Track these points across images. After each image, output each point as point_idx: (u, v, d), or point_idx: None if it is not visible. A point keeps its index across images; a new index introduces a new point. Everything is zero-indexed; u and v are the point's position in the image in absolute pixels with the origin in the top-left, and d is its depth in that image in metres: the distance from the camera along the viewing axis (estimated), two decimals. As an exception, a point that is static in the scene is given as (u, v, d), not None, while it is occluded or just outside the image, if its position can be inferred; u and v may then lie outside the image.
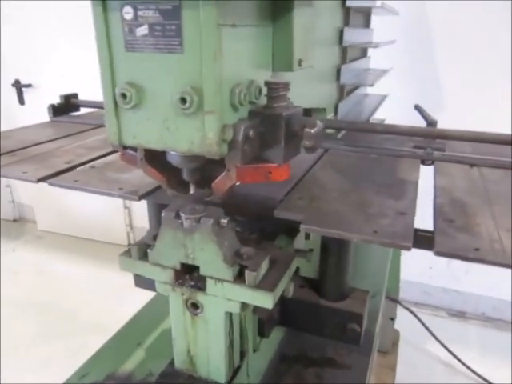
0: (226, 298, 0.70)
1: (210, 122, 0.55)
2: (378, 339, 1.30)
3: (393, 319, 2.10)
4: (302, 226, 0.66)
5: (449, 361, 2.16)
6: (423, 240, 0.66)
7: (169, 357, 0.85)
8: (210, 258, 0.69)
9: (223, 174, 0.63)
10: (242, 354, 0.85)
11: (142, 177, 0.87)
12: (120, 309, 1.73)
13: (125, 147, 0.64)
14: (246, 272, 0.67)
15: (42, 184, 0.86)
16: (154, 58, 0.55)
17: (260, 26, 0.63)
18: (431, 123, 1.11)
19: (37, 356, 2.20)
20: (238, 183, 0.66)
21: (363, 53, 1.74)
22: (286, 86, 0.61)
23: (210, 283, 0.70)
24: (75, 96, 1.48)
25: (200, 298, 0.73)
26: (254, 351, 0.89)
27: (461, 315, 2.55)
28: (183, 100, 0.54)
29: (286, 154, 0.63)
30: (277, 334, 0.97)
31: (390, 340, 2.08)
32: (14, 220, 3.65)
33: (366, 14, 1.70)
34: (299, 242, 0.95)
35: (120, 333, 1.14)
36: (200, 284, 0.73)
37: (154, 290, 0.99)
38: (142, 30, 0.54)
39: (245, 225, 0.90)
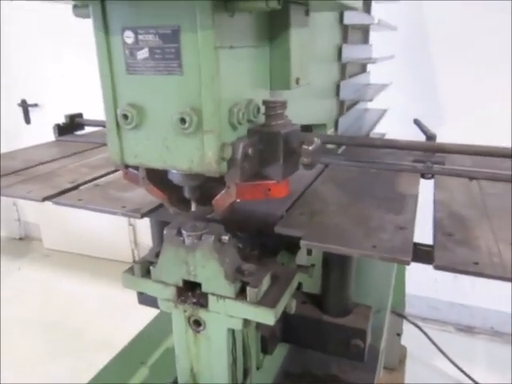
0: (228, 314, 0.71)
1: (209, 141, 0.56)
2: (383, 355, 1.29)
3: (399, 335, 2.07)
4: (302, 242, 0.67)
5: (457, 376, 2.12)
6: (423, 254, 0.66)
7: (172, 375, 0.84)
8: (211, 274, 0.69)
9: (223, 191, 0.64)
10: (246, 372, 0.84)
11: (144, 195, 0.88)
12: (126, 326, 1.72)
13: (127, 166, 0.66)
14: (248, 288, 0.68)
15: (47, 202, 0.87)
16: (155, 80, 0.56)
17: (258, 46, 0.65)
18: (430, 137, 1.12)
19: (43, 374, 2.18)
20: (238, 200, 0.67)
21: (363, 68, 1.77)
22: (284, 104, 0.63)
23: (212, 300, 0.71)
24: (80, 115, 1.51)
25: (202, 314, 0.73)
26: (258, 368, 0.89)
27: (468, 330, 2.51)
28: (183, 120, 0.55)
29: (285, 171, 0.64)
30: (280, 351, 0.97)
31: (397, 356, 2.05)
32: (20, 238, 3.67)
33: (364, 31, 1.73)
34: (301, 258, 0.96)
35: (123, 351, 1.14)
36: (202, 301, 0.73)
37: (158, 307, 0.99)
38: (143, 54, 0.56)
39: (246, 241, 0.91)
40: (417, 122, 1.19)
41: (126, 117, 0.59)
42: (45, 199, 0.86)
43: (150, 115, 0.59)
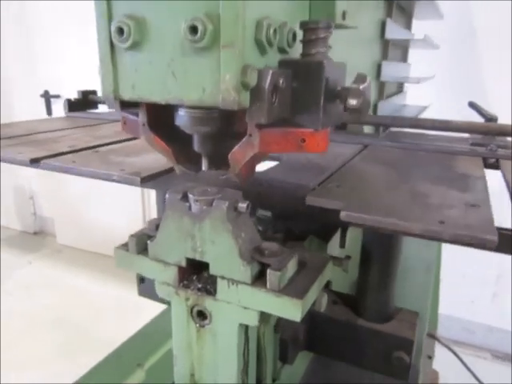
0: (242, 305, 0.55)
1: (228, 59, 0.41)
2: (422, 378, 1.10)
3: (430, 357, 1.86)
4: (342, 214, 0.51)
5: (495, 410, 1.88)
6: (506, 241, 0.50)
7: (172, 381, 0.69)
8: (222, 252, 0.54)
9: (243, 140, 0.49)
10: (259, 382, 0.68)
11: (150, 161, 0.75)
12: (134, 327, 1.58)
13: (123, 104, 0.52)
14: (269, 271, 0.52)
15: (63, 196, 0.75)
16: (160, -20, 0.43)
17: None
18: (491, 120, 0.95)
19: (47, 373, 2.05)
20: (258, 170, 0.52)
21: (403, 56, 1.62)
22: (328, 27, 0.48)
23: (221, 285, 0.56)
24: (94, 93, 1.40)
25: (208, 304, 0.58)
26: (274, 381, 0.73)
27: (507, 357, 2.26)
28: (193, 29, 0.41)
29: (326, 118, 0.48)
30: (302, 362, 0.80)
31: (429, 381, 1.83)
32: (35, 233, 3.60)
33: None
34: (332, 251, 0.80)
35: (118, 350, 0.99)
36: (209, 287, 0.58)
37: (159, 300, 0.84)
38: None
39: (268, 224, 0.75)
40: (473, 105, 1.02)
41: (121, 31, 0.45)
42: (33, 161, 0.73)
43: (152, 29, 0.45)
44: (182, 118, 0.51)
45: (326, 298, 0.62)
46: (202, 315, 0.60)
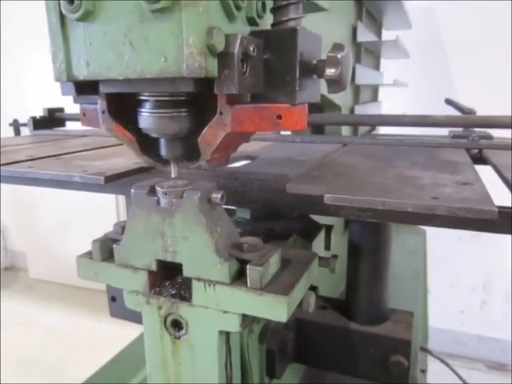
0: (220, 309, 0.49)
1: (191, 18, 0.37)
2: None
3: (424, 371, 1.79)
4: (326, 197, 0.46)
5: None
6: (507, 220, 0.45)
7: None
8: (196, 249, 0.49)
9: (213, 119, 0.45)
10: (245, 402, 0.61)
11: (117, 164, 0.69)
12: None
13: (78, 88, 0.46)
14: (249, 267, 0.47)
15: (35, 228, 0.68)
16: None
17: None
18: (470, 113, 0.93)
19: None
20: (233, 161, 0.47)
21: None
22: (300, -8, 0.44)
23: (196, 288, 0.50)
24: (61, 110, 1.34)
25: (184, 311, 0.52)
26: (262, 398, 0.65)
27: (500, 367, 2.21)
28: (151, -13, 0.37)
29: (302, 91, 0.44)
30: (292, 375, 0.73)
31: (424, 397, 1.76)
32: (6, 268, 3.42)
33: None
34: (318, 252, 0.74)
35: (93, 379, 0.90)
36: (184, 292, 0.52)
37: (133, 319, 0.78)
38: None
39: (246, 226, 0.70)
40: (449, 102, 1.00)
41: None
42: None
43: (106, -4, 0.40)
44: (145, 120, 0.46)
45: (314, 297, 0.56)
46: (177, 325, 0.53)
